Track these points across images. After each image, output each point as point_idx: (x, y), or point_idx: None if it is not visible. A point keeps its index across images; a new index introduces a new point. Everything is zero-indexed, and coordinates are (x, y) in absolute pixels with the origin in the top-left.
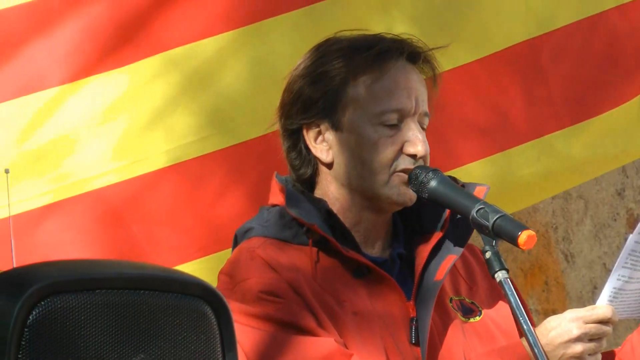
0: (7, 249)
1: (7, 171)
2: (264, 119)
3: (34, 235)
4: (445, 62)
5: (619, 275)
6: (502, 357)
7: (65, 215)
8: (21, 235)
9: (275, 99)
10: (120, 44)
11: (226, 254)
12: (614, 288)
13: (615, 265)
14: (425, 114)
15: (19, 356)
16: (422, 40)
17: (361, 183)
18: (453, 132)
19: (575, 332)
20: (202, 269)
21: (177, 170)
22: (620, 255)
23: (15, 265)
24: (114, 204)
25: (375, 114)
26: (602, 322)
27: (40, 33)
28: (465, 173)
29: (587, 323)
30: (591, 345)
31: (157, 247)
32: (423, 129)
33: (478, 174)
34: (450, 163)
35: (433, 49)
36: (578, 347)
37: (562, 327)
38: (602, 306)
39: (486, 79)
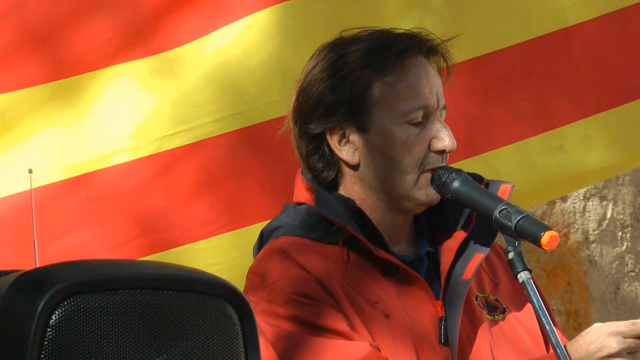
0: (29, 222)
1: (30, 171)
2: (286, 99)
3: (57, 208)
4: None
5: None
6: None
7: (91, 189)
8: (44, 208)
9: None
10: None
11: (249, 230)
12: None
13: None
14: (444, 107)
15: (42, 356)
16: (432, 33)
17: (389, 184)
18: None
19: (615, 346)
20: (226, 244)
21: (203, 147)
22: None
23: (36, 243)
24: (143, 178)
25: (402, 113)
26: None
27: (72, 19)
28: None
29: (626, 338)
30: (629, 359)
31: (183, 221)
32: (444, 122)
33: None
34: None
35: (447, 40)
36: None
37: (601, 341)
38: None
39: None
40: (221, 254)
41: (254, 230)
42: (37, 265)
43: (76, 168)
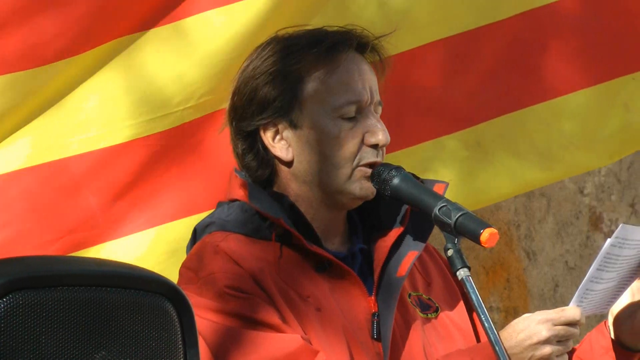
0: None
1: None
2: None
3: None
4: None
5: (593, 277)
6: (473, 357)
7: (26, 184)
8: None
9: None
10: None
11: (174, 225)
12: (587, 290)
13: (591, 268)
14: (379, 103)
15: None
16: (366, 29)
17: (324, 179)
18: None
19: (545, 333)
20: (151, 240)
21: (131, 147)
22: (597, 259)
23: None
24: (75, 175)
25: (334, 108)
26: (571, 324)
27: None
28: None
29: (556, 325)
30: (559, 347)
31: (112, 218)
32: (378, 117)
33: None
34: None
35: (379, 37)
36: (547, 349)
37: (531, 329)
38: (571, 308)
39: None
40: (148, 250)
41: (178, 226)
42: None
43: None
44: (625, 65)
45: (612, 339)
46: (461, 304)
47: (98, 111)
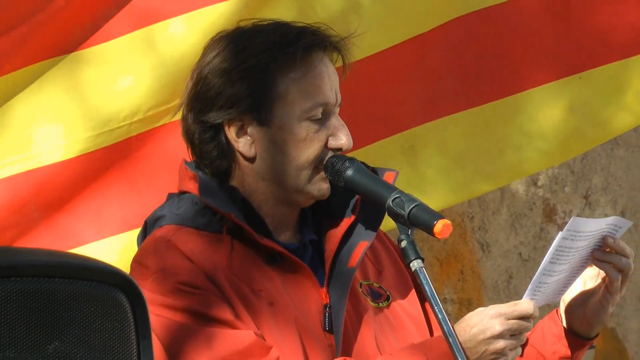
0: None
1: None
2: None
3: None
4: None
5: (545, 270)
6: (426, 352)
7: None
8: None
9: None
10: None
11: (121, 237)
12: (540, 283)
13: (544, 261)
14: (340, 104)
15: None
16: (331, 28)
17: (284, 178)
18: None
19: (498, 328)
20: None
21: (84, 160)
22: (549, 252)
23: None
24: (20, 192)
25: (304, 110)
26: (524, 317)
27: None
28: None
29: (509, 319)
30: (513, 341)
31: (56, 232)
32: (341, 120)
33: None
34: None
35: (347, 37)
36: (500, 343)
37: (484, 323)
38: (524, 302)
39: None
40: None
41: (127, 238)
42: None
43: None
44: (570, 66)
45: (564, 327)
46: (413, 291)
47: (45, 130)
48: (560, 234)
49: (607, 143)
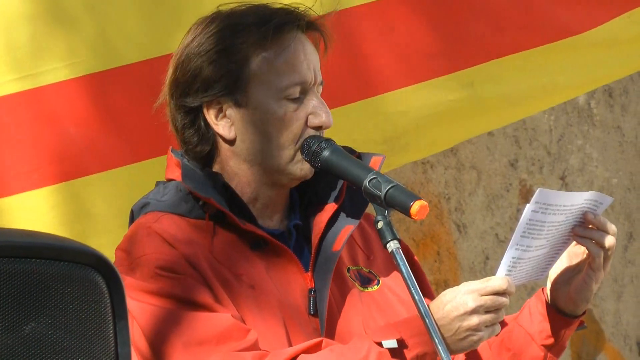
0: None
1: None
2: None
3: None
4: None
5: (517, 245)
6: (400, 331)
7: None
8: None
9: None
10: None
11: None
12: (513, 258)
13: (514, 235)
14: (321, 83)
15: None
16: (310, 8)
17: (265, 159)
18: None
19: (471, 304)
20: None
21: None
22: (518, 225)
23: None
24: None
25: (280, 89)
26: (498, 293)
27: None
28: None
29: (482, 295)
30: (488, 317)
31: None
32: (321, 99)
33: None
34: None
35: (324, 15)
36: (474, 320)
37: (457, 300)
38: (497, 278)
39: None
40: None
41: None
42: None
43: None
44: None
45: (550, 305)
46: None
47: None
48: (528, 207)
49: (583, 124)
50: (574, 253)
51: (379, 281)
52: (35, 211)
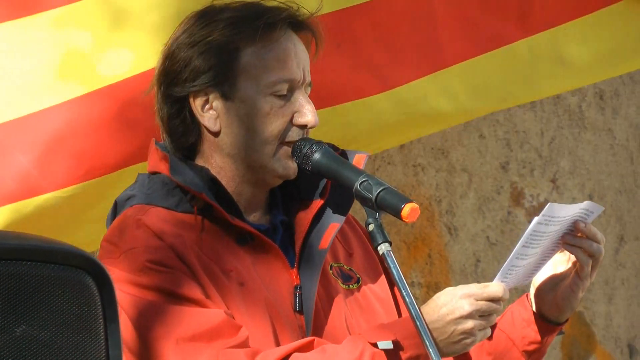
0: None
1: None
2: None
3: None
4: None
5: (518, 254)
6: (395, 332)
7: None
8: None
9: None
10: None
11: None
12: (512, 266)
13: (517, 245)
14: (310, 84)
15: None
16: (303, 7)
17: (248, 153)
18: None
19: (467, 308)
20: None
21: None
22: (523, 237)
23: None
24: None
25: (267, 84)
26: (494, 300)
27: None
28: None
29: (478, 300)
30: (481, 321)
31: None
32: (308, 98)
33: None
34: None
35: (314, 14)
36: (469, 324)
37: (453, 303)
38: (494, 284)
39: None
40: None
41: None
42: None
43: None
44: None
45: (533, 312)
46: (382, 275)
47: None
48: (535, 219)
49: (574, 126)
50: (559, 260)
51: (358, 279)
52: None
